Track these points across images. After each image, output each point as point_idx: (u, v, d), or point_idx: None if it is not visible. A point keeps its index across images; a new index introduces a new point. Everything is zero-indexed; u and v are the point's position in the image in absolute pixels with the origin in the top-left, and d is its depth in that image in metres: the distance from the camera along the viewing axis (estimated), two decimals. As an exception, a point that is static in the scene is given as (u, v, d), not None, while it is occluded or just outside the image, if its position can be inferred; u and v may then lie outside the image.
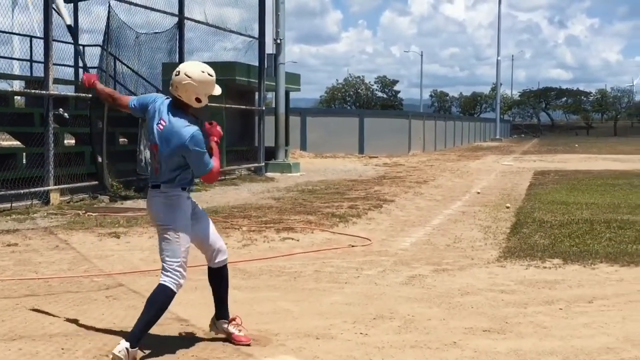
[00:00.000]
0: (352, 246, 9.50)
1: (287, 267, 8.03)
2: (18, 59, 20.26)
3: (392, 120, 39.82)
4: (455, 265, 8.27)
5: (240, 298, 6.59)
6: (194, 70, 4.87)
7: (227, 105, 22.07)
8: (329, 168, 27.19)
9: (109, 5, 15.71)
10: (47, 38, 13.69)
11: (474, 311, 6.22)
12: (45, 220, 11.47)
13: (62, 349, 5.00)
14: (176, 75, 4.84)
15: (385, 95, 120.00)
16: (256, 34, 22.45)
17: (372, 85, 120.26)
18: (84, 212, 12.38)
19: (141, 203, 14.42)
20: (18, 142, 17.28)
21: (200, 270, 6.46)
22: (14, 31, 20.82)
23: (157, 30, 18.08)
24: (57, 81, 19.40)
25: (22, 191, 12.98)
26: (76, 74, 21.67)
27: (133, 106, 5.16)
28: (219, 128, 5.05)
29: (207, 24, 19.67)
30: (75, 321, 5.70)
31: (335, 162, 31.24)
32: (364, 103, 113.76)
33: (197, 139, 4.80)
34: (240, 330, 5.25)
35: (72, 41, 21.30)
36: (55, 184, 13.60)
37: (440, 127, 49.01)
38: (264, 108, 23.08)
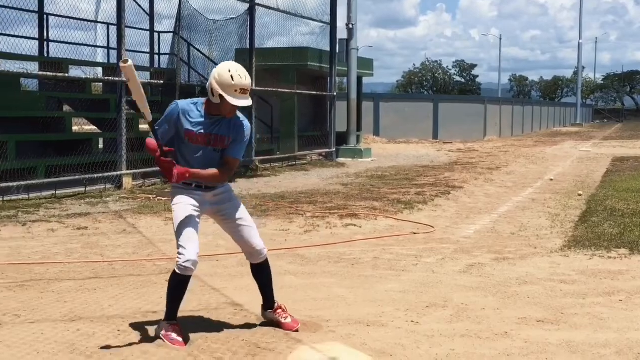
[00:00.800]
0: (415, 233, 9.48)
1: (346, 254, 8.07)
2: (94, 46, 20.68)
3: (467, 106, 39.36)
4: (517, 254, 8.17)
5: (296, 284, 6.67)
6: (224, 66, 4.92)
7: (298, 91, 22.22)
8: (401, 154, 27.10)
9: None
10: (120, 25, 14.00)
11: (530, 301, 6.15)
12: (117, 204, 11.78)
13: (118, 330, 5.16)
14: None
15: (463, 80, 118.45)
16: (329, 19, 22.48)
17: (450, 69, 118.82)
18: (154, 196, 12.66)
19: (211, 188, 14.67)
20: (95, 128, 17.79)
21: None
22: (98, 19, 21.39)
23: (229, 17, 18.30)
24: (138, 68, 19.99)
25: (96, 175, 13.37)
26: (151, 60, 22.12)
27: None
28: (174, 171, 4.83)
29: (278, 9, 19.80)
30: (133, 304, 5.87)
31: (408, 147, 31.11)
32: (441, 88, 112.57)
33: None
34: (285, 318, 5.31)
35: (147, 28, 22.00)
36: (127, 169, 13.95)
37: (517, 112, 48.19)
38: (335, 94, 23.09)
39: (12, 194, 11.79)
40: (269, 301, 5.39)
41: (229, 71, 4.87)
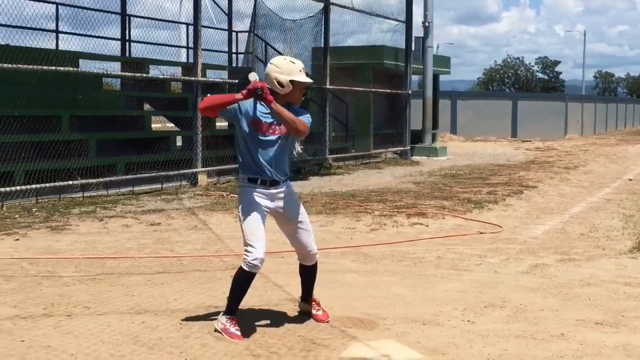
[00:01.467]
0: (481, 233, 9.46)
1: (410, 253, 8.12)
2: (174, 46, 21.16)
3: (547, 103, 38.66)
4: (583, 255, 8.08)
5: (357, 282, 6.77)
6: (278, 58, 5.21)
7: (373, 90, 22.27)
8: (477, 152, 26.88)
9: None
10: (196, 26, 14.33)
11: (591, 303, 6.10)
12: (191, 201, 12.09)
13: (180, 323, 5.35)
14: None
15: (546, 77, 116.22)
16: (405, 17, 22.50)
17: (532, 66, 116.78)
18: (227, 194, 12.93)
19: (283, 185, 14.88)
20: (173, 125, 18.27)
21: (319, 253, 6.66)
22: (181, 20, 21.91)
23: (308, 15, 18.53)
24: (210, 67, 20.39)
25: (172, 173, 13.75)
26: (229, 59, 22.51)
27: None
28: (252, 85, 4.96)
29: (352, 8, 19.91)
30: (197, 298, 6.08)
31: (485, 146, 30.80)
32: (523, 85, 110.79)
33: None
34: (317, 310, 5.55)
35: (226, 28, 22.40)
36: (202, 166, 14.28)
37: (600, 109, 47.07)
38: (410, 92, 23.06)
39: (91, 190, 12.24)
40: (307, 295, 5.62)
41: (285, 59, 5.16)
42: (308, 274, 5.58)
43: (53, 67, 11.87)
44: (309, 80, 5.16)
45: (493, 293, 6.40)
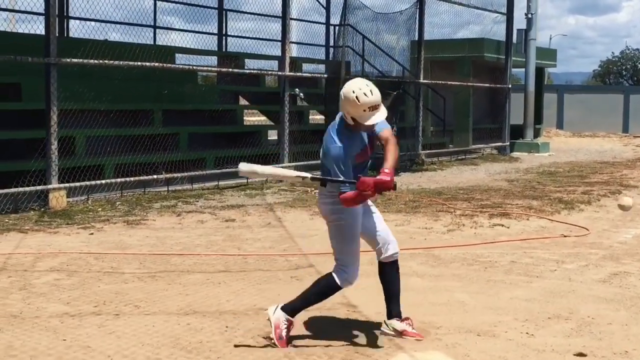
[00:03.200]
0: (565, 236, 9.01)
1: (483, 256, 7.80)
2: (269, 40, 21.16)
3: (662, 97, 36.82)
4: (672, 263, 7.56)
5: (419, 286, 6.52)
6: (348, 87, 4.77)
7: (469, 84, 21.78)
8: (583, 148, 25.92)
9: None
10: (284, 19, 14.27)
11: (667, 318, 5.66)
12: (274, 197, 12.06)
13: (226, 326, 5.26)
14: None
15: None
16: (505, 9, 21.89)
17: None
18: (311, 189, 12.83)
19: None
20: (267, 119, 18.35)
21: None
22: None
23: (397, 10, 18.27)
24: (305, 60, 20.38)
25: (258, 167, 13.73)
26: (327, 52, 22.42)
27: None
28: (369, 180, 4.69)
29: (448, 1, 19.45)
30: (250, 299, 5.98)
31: (593, 141, 29.67)
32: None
33: (328, 153, 4.77)
34: (412, 328, 5.13)
35: (323, 22, 22.34)
36: (290, 161, 14.24)
37: None
38: (510, 86, 22.39)
39: (177, 184, 12.39)
40: (396, 307, 5.17)
41: (353, 92, 4.71)
42: (393, 272, 5.17)
43: (150, 63, 12.05)
44: (372, 121, 4.72)
45: (561, 303, 6.03)
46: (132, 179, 11.59)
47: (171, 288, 6.30)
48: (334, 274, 5.02)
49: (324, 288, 5.06)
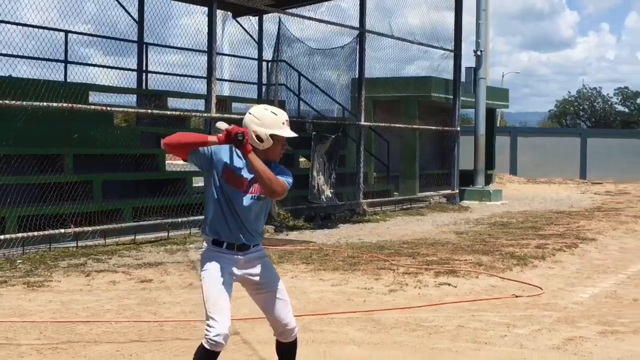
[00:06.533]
0: (517, 296, 9.07)
1: (428, 320, 7.78)
2: (190, 76, 21.11)
3: (621, 141, 37.82)
4: (630, 326, 7.65)
5: (355, 356, 6.48)
6: (258, 108, 4.92)
7: (417, 127, 22.02)
8: (538, 196, 26.40)
9: (279, 20, 16.16)
10: (210, 54, 14.28)
11: (624, 390, 5.70)
12: (197, 253, 11.87)
13: (136, 407, 5.11)
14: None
15: (626, 110, 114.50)
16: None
17: (611, 97, 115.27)
18: (240, 244, 12.71)
19: (307, 235, 14.70)
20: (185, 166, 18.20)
21: (321, 319, 6.36)
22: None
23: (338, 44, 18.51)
24: (236, 99, 20.37)
25: (179, 220, 13.62)
26: (259, 91, 22.48)
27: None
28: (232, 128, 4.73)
29: (391, 36, 19.76)
30: (165, 374, 5.84)
31: (549, 188, 30.26)
32: (600, 119, 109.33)
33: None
34: None
35: (255, 57, 22.43)
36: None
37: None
38: (459, 128, 22.73)
39: (87, 239, 12.16)
40: None
41: (266, 109, 4.89)
42: (286, 353, 5.22)
43: (58, 104, 11.87)
44: (292, 134, 4.89)
45: (511, 374, 6.04)
46: (36, 233, 11.34)
47: (74, 363, 6.12)
48: (202, 340, 4.89)
49: (199, 356, 4.90)
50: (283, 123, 4.86)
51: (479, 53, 23.59)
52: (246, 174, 4.85)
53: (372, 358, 6.46)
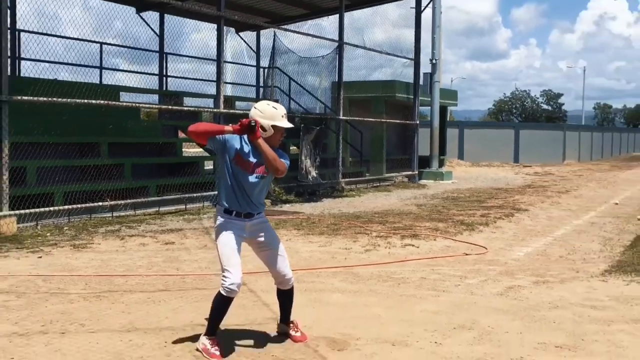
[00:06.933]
0: (467, 254, 9.10)
1: (396, 273, 7.80)
2: (206, 80, 20.99)
3: (546, 132, 38.04)
4: (557, 277, 7.70)
5: (339, 301, 6.47)
6: (262, 103, 4.96)
7: (385, 120, 22.03)
8: (481, 176, 26.44)
9: (274, 34, 16.04)
10: (219, 62, 14.18)
11: (555, 326, 5.74)
12: (209, 221, 11.86)
13: (165, 342, 5.10)
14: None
15: (550, 108, 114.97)
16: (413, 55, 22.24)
17: (538, 98, 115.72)
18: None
19: (297, 207, 14.66)
20: (203, 151, 18.12)
21: (311, 273, 6.44)
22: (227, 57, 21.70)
23: (320, 54, 18.39)
24: (239, 99, 20.27)
25: (195, 195, 13.55)
26: (257, 92, 22.37)
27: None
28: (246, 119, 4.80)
29: (364, 47, 19.68)
30: (188, 316, 5.82)
31: (489, 170, 30.31)
32: (529, 115, 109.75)
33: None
34: (296, 332, 5.26)
35: (254, 64, 22.29)
36: (224, 189, 14.04)
37: (597, 138, 46.29)
38: (418, 122, 22.73)
39: (121, 210, 12.08)
40: (286, 317, 5.33)
41: (268, 104, 4.93)
42: (285, 297, 5.29)
43: (96, 101, 11.74)
44: (289, 125, 4.94)
45: (465, 315, 6.07)
46: (79, 205, 11.26)
47: (114, 307, 6.09)
48: (219, 288, 4.90)
49: (216, 301, 4.92)
50: (282, 116, 4.91)
51: (434, 61, 23.54)
52: (252, 159, 4.89)
53: (353, 303, 6.46)
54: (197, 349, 4.87)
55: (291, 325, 5.30)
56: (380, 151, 22.89)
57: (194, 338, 5.13)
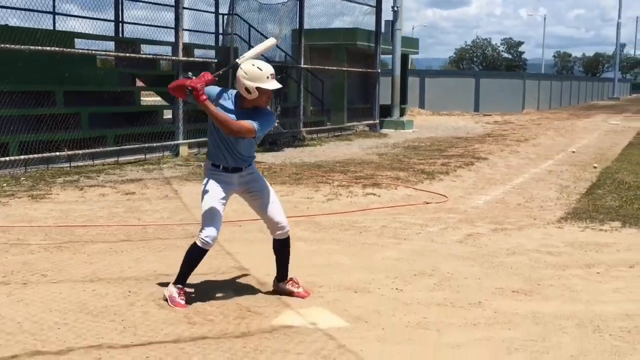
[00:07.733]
0: (427, 203, 9.26)
1: (358, 222, 7.92)
2: (163, 27, 20.62)
3: (506, 81, 38.38)
4: (515, 224, 7.90)
5: (303, 250, 6.57)
6: (247, 64, 4.80)
7: (346, 69, 21.98)
8: (442, 125, 26.65)
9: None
10: (177, 8, 13.95)
11: (512, 272, 5.93)
12: (170, 171, 11.84)
13: (129, 292, 5.15)
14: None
15: (510, 56, 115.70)
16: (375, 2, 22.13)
17: (498, 46, 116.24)
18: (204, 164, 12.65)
19: (258, 156, 14.56)
20: (162, 100, 17.95)
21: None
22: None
23: (280, 1, 18.16)
24: (197, 46, 19.98)
25: (155, 144, 13.46)
26: (216, 40, 22.07)
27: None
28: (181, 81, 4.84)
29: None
30: (151, 266, 5.87)
31: (450, 119, 30.55)
32: (490, 63, 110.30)
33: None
34: (298, 288, 5.23)
35: (212, 10, 21.92)
36: (184, 139, 14.00)
37: (556, 87, 46.83)
38: (379, 70, 22.73)
39: (79, 161, 11.96)
40: (283, 274, 5.27)
41: (253, 65, 4.78)
42: (282, 249, 5.23)
43: (51, 48, 11.49)
44: (275, 86, 4.80)
45: (425, 261, 6.22)
46: (35, 155, 11.12)
47: (76, 257, 6.10)
48: (195, 239, 4.96)
49: (191, 252, 4.99)
50: (268, 77, 4.76)
51: (395, 9, 23.39)
52: (234, 115, 4.82)
53: (316, 251, 6.57)
54: (164, 298, 4.93)
55: (290, 282, 5.25)
56: (341, 100, 22.90)
57: (158, 286, 5.20)
